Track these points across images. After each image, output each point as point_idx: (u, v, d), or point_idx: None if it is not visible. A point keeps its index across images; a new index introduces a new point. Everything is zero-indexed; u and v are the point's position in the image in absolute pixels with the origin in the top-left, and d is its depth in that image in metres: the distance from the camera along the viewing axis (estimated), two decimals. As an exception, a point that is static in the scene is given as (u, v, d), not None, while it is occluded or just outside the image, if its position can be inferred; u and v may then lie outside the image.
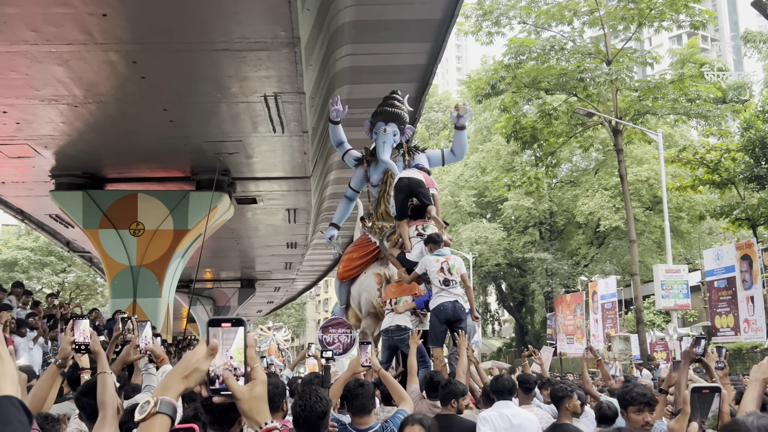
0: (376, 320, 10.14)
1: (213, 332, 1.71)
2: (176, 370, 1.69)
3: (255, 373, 1.74)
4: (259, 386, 1.74)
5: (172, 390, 1.65)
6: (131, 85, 11.61)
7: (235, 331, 1.72)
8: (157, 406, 1.60)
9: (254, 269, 32.77)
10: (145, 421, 1.60)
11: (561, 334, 37.66)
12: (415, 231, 9.02)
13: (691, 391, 1.90)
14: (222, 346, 1.71)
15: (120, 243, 16.49)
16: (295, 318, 77.67)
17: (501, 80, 26.33)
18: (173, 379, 1.67)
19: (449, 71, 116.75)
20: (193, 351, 1.72)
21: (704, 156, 25.85)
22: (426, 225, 9.09)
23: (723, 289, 24.09)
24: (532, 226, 44.03)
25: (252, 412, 1.74)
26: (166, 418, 1.61)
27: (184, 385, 1.67)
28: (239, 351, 1.72)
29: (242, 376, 1.72)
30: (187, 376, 1.67)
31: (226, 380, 1.70)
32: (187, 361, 1.69)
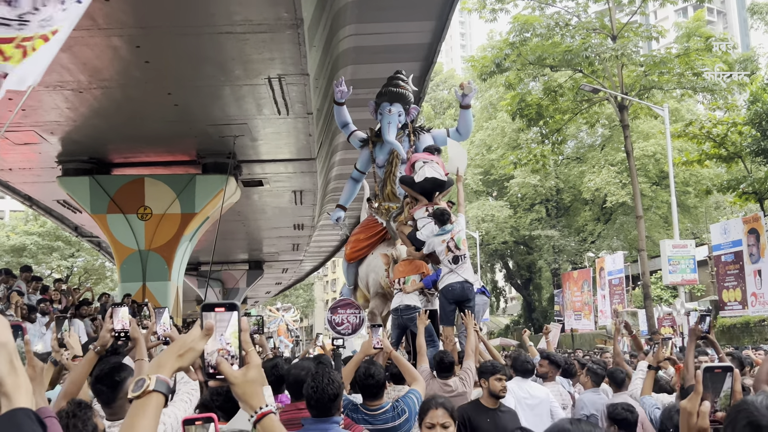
0: (384, 300, 10.20)
1: (207, 317, 1.73)
2: (171, 349, 1.70)
3: (249, 358, 1.75)
4: (253, 370, 1.75)
5: (166, 368, 1.66)
6: (135, 70, 11.61)
7: (229, 316, 1.74)
8: (152, 383, 1.61)
9: (262, 251, 32.88)
10: (140, 399, 1.60)
11: (569, 310, 37.75)
12: (425, 212, 9.03)
13: (703, 370, 1.92)
14: (216, 330, 1.72)
15: (128, 227, 16.57)
16: (303, 299, 78.00)
17: (506, 58, 26.17)
18: (168, 358, 1.68)
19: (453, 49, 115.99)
20: (188, 332, 1.74)
21: (711, 130, 25.71)
22: (436, 206, 9.11)
23: (730, 263, 24.07)
24: (539, 203, 43.97)
25: (246, 396, 1.76)
26: (161, 396, 1.62)
27: (178, 364, 1.68)
28: (234, 335, 1.74)
29: (237, 360, 1.74)
30: (181, 355, 1.68)
31: (220, 365, 1.71)
32: (183, 341, 1.70)
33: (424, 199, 9.20)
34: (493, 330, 48.15)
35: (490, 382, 5.12)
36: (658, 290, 33.68)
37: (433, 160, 9.31)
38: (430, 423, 3.67)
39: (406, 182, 9.36)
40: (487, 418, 4.99)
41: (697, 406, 1.86)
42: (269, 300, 61.80)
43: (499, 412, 5.11)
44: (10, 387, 1.40)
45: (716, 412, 1.91)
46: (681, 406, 1.89)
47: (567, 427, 1.94)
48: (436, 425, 3.64)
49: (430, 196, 9.20)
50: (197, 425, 2.10)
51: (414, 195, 9.37)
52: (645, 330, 25.10)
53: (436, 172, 9.06)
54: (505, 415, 5.10)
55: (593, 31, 26.20)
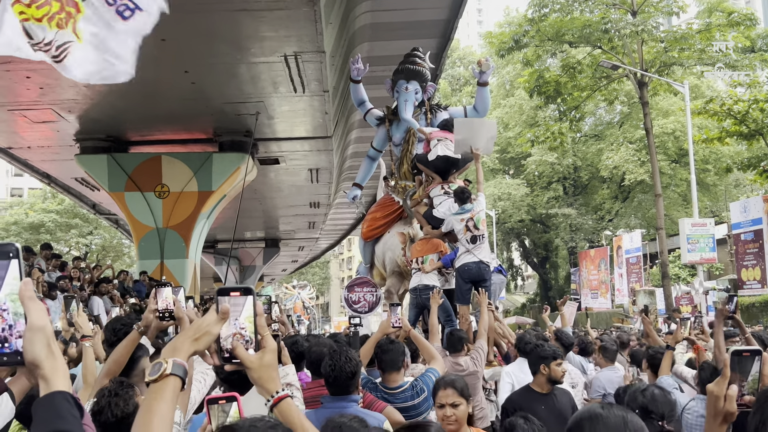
0: (400, 279, 10.20)
1: (222, 301, 1.72)
2: (187, 332, 1.70)
3: (265, 342, 1.74)
4: (269, 354, 1.75)
5: (182, 352, 1.65)
6: (152, 48, 11.51)
7: (243, 300, 1.73)
8: (169, 367, 1.61)
9: (278, 229, 33.02)
10: (157, 382, 1.60)
11: (585, 289, 37.66)
12: (441, 189, 9.00)
13: (731, 354, 1.89)
14: (231, 314, 1.72)
15: (146, 205, 16.67)
16: (319, 276, 78.43)
17: (525, 34, 25.89)
18: (183, 341, 1.67)
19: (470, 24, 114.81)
20: (204, 316, 1.73)
21: (731, 107, 25.33)
22: (452, 184, 9.07)
23: (750, 242, 23.85)
24: (556, 181, 43.70)
25: (262, 380, 1.75)
26: (178, 380, 1.62)
27: (194, 348, 1.67)
28: (249, 319, 1.73)
29: (252, 344, 1.73)
30: (197, 339, 1.67)
31: (236, 349, 1.71)
32: (198, 325, 1.70)
33: (439, 177, 9.17)
34: (509, 308, 48.18)
35: (551, 368, 4.83)
36: (676, 269, 33.49)
37: (447, 138, 9.26)
38: (440, 403, 3.66)
39: (421, 160, 9.33)
40: (542, 404, 4.75)
41: (725, 390, 1.83)
42: (285, 278, 62.18)
43: (553, 396, 4.87)
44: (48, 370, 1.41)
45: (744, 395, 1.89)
46: (708, 390, 1.87)
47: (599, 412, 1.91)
48: (446, 405, 3.62)
49: (445, 174, 9.17)
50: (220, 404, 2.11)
51: (429, 173, 9.34)
52: (662, 309, 25.00)
53: (448, 150, 9.02)
54: (560, 398, 4.88)
55: (613, 6, 25.83)
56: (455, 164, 9.16)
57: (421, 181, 9.86)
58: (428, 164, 9.18)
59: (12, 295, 1.41)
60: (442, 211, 8.71)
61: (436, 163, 9.04)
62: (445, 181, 9.12)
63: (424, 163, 9.26)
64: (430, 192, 9.32)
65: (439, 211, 8.78)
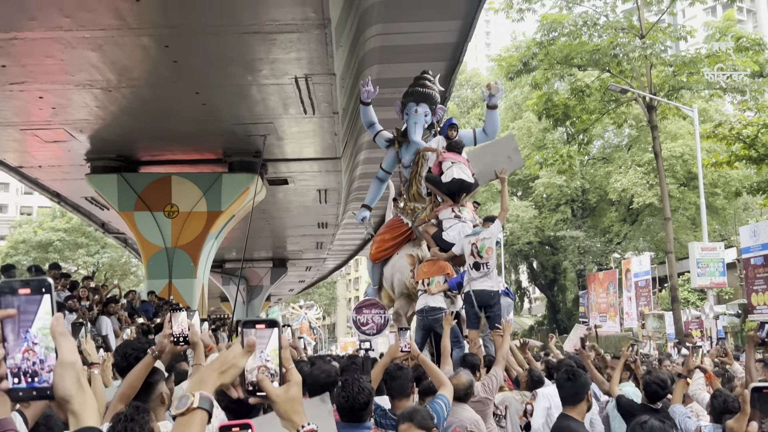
0: (409, 301, 10.18)
1: (248, 333, 1.72)
2: (213, 365, 1.70)
3: (290, 375, 1.74)
4: (294, 388, 1.74)
5: (209, 384, 1.66)
6: (164, 69, 11.69)
7: (269, 333, 1.73)
8: (196, 401, 1.61)
9: (286, 249, 33.04)
10: (184, 416, 1.60)
11: (594, 312, 37.43)
12: (452, 213, 9.00)
13: (750, 390, 1.87)
14: (257, 347, 1.72)
15: (155, 225, 16.73)
16: (326, 297, 78.23)
17: (533, 57, 25.99)
18: (209, 374, 1.68)
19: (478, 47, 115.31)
20: (229, 348, 1.73)
21: (740, 131, 25.28)
22: (462, 208, 9.07)
23: (760, 266, 23.67)
24: (564, 203, 43.61)
25: (288, 414, 1.74)
26: (205, 414, 1.62)
27: (220, 380, 1.68)
28: (274, 352, 1.73)
29: (277, 377, 1.73)
30: (224, 372, 1.68)
31: (261, 382, 1.70)
32: (224, 357, 1.70)
33: (450, 199, 9.17)
34: (517, 331, 47.89)
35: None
36: (685, 293, 33.26)
37: (460, 161, 9.27)
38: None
39: (433, 181, 9.33)
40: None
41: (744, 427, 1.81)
42: (292, 297, 62.07)
43: None
44: (78, 406, 1.42)
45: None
46: (728, 426, 1.84)
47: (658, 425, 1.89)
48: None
49: (456, 197, 9.18)
50: None
51: (439, 194, 9.35)
52: (672, 333, 24.81)
53: (464, 174, 9.03)
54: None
55: (621, 30, 25.93)
56: (468, 188, 9.17)
57: (431, 200, 9.88)
58: (440, 186, 9.18)
59: (44, 330, 1.42)
60: (452, 236, 8.71)
61: (450, 185, 9.04)
62: (455, 204, 9.12)
63: (436, 184, 9.26)
64: (439, 214, 9.31)
65: (449, 235, 8.78)
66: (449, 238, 8.76)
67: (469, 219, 9.11)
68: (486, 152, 10.23)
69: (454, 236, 8.69)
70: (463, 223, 8.96)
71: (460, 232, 8.59)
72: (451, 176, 9.00)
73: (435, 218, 9.39)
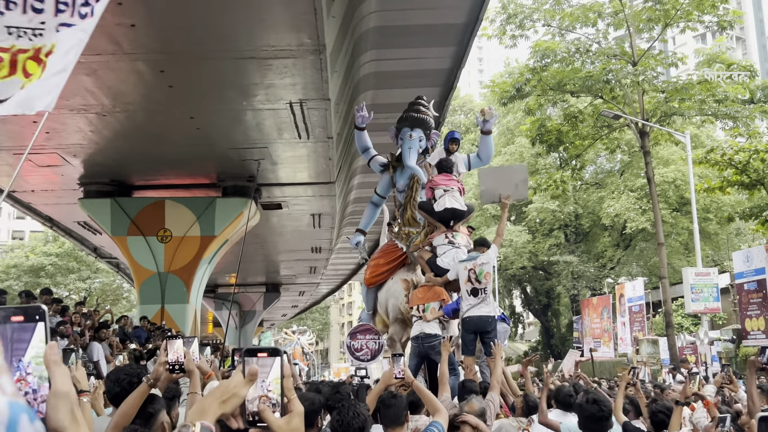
0: (403, 326, 10.12)
1: (249, 362, 1.69)
2: (213, 394, 1.67)
3: (292, 405, 1.71)
4: (296, 419, 1.71)
5: (210, 414, 1.63)
6: (158, 94, 11.71)
7: (272, 362, 1.70)
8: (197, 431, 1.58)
9: (279, 273, 32.93)
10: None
11: (588, 337, 37.34)
12: (446, 239, 8.99)
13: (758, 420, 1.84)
14: (258, 376, 1.69)
15: (148, 249, 16.65)
16: (319, 322, 77.85)
17: (526, 83, 26.20)
18: (210, 404, 1.65)
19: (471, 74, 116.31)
20: (230, 377, 1.70)
21: (732, 157, 25.48)
22: (455, 233, 9.06)
23: (753, 292, 23.70)
24: (558, 228, 43.69)
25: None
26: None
27: (221, 410, 1.65)
28: (276, 381, 1.70)
29: (278, 408, 1.70)
30: (225, 401, 1.65)
31: (263, 413, 1.67)
32: (225, 386, 1.67)
33: (443, 226, 9.17)
34: (511, 356, 47.69)
35: None
36: (679, 318, 33.23)
37: (454, 188, 9.28)
38: None
39: (425, 209, 9.34)
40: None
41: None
42: (285, 323, 61.75)
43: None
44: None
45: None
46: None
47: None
48: None
49: (448, 223, 9.18)
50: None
51: (433, 222, 9.35)
52: (666, 359, 24.74)
53: (456, 202, 9.05)
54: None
55: (613, 57, 26.18)
56: (461, 216, 9.18)
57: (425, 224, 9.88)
58: (433, 214, 9.19)
59: (37, 359, 1.38)
60: (446, 261, 8.69)
61: (442, 214, 9.05)
62: (449, 230, 9.12)
63: (428, 212, 9.27)
64: (433, 241, 9.30)
65: (443, 261, 8.76)
66: (443, 263, 8.74)
67: (463, 244, 9.10)
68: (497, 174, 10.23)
69: (449, 262, 8.68)
70: (457, 248, 8.95)
71: (454, 258, 8.57)
72: (443, 205, 9.02)
73: (429, 245, 9.38)
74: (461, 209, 9.05)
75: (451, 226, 9.15)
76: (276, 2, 9.08)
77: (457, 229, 9.15)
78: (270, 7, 9.17)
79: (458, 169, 10.21)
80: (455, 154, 10.78)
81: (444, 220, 9.13)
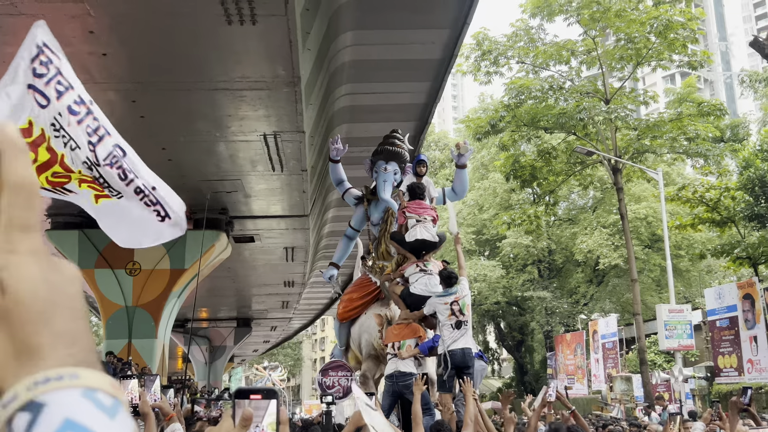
0: (377, 363, 9.90)
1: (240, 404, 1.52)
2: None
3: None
4: None
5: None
6: (130, 124, 11.51)
7: (266, 405, 1.53)
8: None
9: (251, 308, 32.49)
10: None
11: (561, 374, 37.20)
12: (417, 268, 8.86)
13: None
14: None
15: (116, 283, 16.30)
16: (291, 357, 76.89)
17: (501, 119, 26.41)
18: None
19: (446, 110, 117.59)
20: (219, 424, 1.52)
21: (704, 194, 25.80)
22: (427, 263, 8.94)
23: (725, 329, 23.80)
24: (531, 263, 43.80)
25: None
26: None
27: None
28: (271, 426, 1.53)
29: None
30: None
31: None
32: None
33: (413, 256, 9.04)
34: (485, 393, 47.37)
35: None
36: (652, 354, 33.28)
37: (426, 219, 9.18)
38: None
39: (396, 239, 9.23)
40: None
41: None
42: (256, 358, 60.88)
43: None
44: None
45: None
46: None
47: None
48: None
49: (420, 254, 9.06)
50: None
51: (403, 253, 9.23)
52: (640, 396, 24.66)
53: (428, 233, 8.95)
54: None
55: (586, 94, 26.52)
56: (432, 247, 9.08)
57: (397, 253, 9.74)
58: (404, 245, 9.08)
59: None
60: (419, 288, 8.53)
61: (413, 244, 8.95)
62: (419, 260, 8.99)
63: (400, 242, 9.16)
64: (405, 272, 9.15)
65: (416, 287, 8.60)
66: (417, 290, 8.59)
67: (435, 272, 8.97)
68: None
69: (422, 288, 8.53)
70: (430, 275, 8.82)
71: (427, 284, 8.44)
72: (414, 236, 8.92)
73: (401, 276, 9.23)
74: (432, 240, 8.95)
75: (422, 257, 9.02)
76: (250, 34, 9.00)
77: (428, 259, 9.03)
78: (244, 39, 9.09)
79: (430, 194, 10.11)
80: (425, 178, 10.66)
81: (415, 251, 9.01)
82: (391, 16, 11.33)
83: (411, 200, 9.48)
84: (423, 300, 8.53)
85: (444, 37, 11.77)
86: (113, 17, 8.57)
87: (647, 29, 24.10)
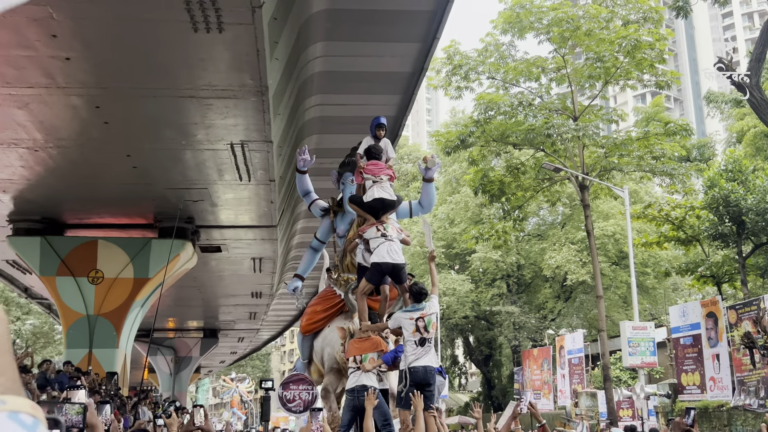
0: (339, 376, 9.80)
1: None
2: None
3: None
4: None
5: None
6: (94, 130, 11.37)
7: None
8: None
9: (218, 319, 32.14)
10: None
11: (528, 389, 37.29)
12: (377, 231, 8.71)
13: None
14: None
15: (77, 291, 16.01)
16: (259, 369, 76.16)
17: (470, 134, 26.54)
18: None
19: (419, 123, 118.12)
20: None
21: (669, 213, 26.15)
22: (386, 224, 8.80)
23: (689, 347, 24.07)
24: (500, 278, 44.00)
25: None
26: None
27: None
28: None
29: None
30: None
31: None
32: None
33: (372, 218, 8.93)
34: (452, 407, 47.33)
35: None
36: (617, 371, 33.53)
37: (383, 179, 9.11)
38: None
39: (355, 202, 9.12)
40: None
41: None
42: (224, 369, 60.20)
43: None
44: None
45: None
46: None
47: None
48: None
49: (378, 214, 8.96)
50: None
51: (362, 214, 9.12)
52: (604, 413, 24.79)
53: (385, 192, 8.89)
54: None
55: (555, 111, 26.77)
56: (390, 206, 8.99)
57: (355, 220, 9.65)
58: (362, 205, 8.99)
59: None
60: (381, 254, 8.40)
61: (372, 204, 8.86)
62: (378, 221, 8.90)
63: (358, 203, 9.07)
64: (364, 234, 9.00)
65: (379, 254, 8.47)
66: (378, 257, 8.48)
67: (395, 237, 8.87)
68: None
69: (383, 255, 8.43)
70: (390, 241, 8.72)
71: (388, 251, 8.34)
72: (371, 196, 8.86)
73: (359, 237, 9.11)
74: (390, 199, 8.87)
75: (380, 217, 8.92)
76: (216, 42, 8.93)
77: (386, 220, 8.93)
78: (210, 47, 9.01)
79: (388, 154, 10.01)
80: (383, 140, 10.51)
81: (373, 211, 8.92)
82: (361, 28, 11.34)
83: (368, 161, 9.35)
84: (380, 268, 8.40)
85: (414, 51, 11.80)
86: (77, 21, 8.45)
87: (616, 48, 24.43)
